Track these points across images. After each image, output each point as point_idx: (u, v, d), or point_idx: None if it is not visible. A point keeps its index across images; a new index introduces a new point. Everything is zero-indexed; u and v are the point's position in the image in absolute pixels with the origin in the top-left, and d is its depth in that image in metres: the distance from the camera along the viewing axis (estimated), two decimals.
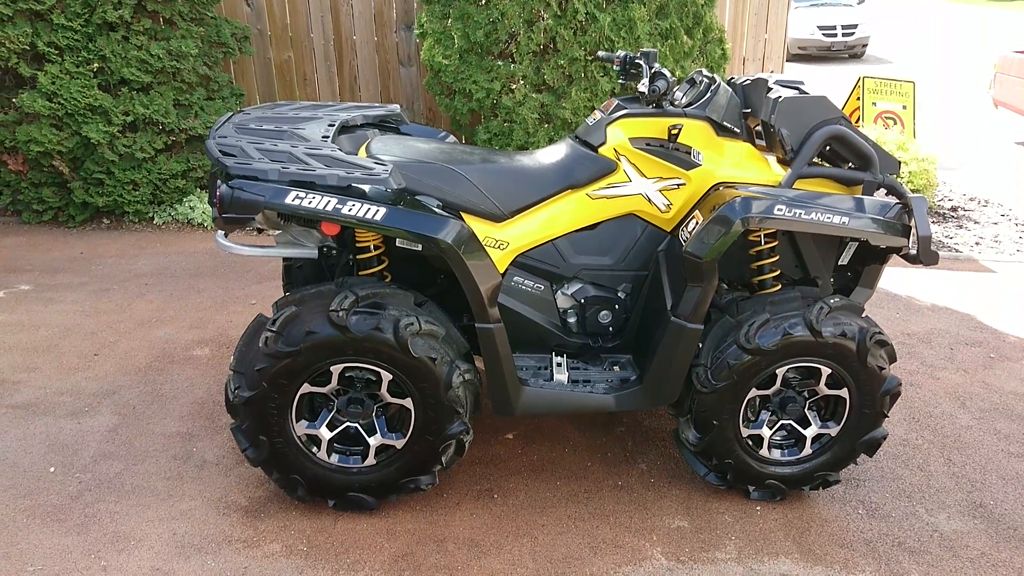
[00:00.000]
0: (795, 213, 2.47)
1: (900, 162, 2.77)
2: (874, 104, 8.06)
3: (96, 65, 5.03)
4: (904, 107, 8.02)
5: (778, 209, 2.46)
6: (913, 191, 6.56)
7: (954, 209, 6.88)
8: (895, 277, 5.07)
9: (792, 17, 17.51)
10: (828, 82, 13.40)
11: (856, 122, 7.87)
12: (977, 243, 6.01)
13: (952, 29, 22.31)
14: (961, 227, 6.40)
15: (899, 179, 3.32)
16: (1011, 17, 24.51)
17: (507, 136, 5.21)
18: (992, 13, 26.23)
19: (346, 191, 2.36)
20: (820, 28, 17.05)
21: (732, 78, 3.00)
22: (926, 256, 2.56)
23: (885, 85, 8.08)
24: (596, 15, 4.82)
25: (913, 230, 2.56)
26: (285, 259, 3.22)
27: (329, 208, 2.32)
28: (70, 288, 4.50)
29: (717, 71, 5.41)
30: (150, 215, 5.58)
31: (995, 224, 6.51)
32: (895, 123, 7.92)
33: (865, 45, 17.54)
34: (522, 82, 5.14)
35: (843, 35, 17.07)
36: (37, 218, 5.50)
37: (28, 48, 4.95)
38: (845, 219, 2.52)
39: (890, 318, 4.49)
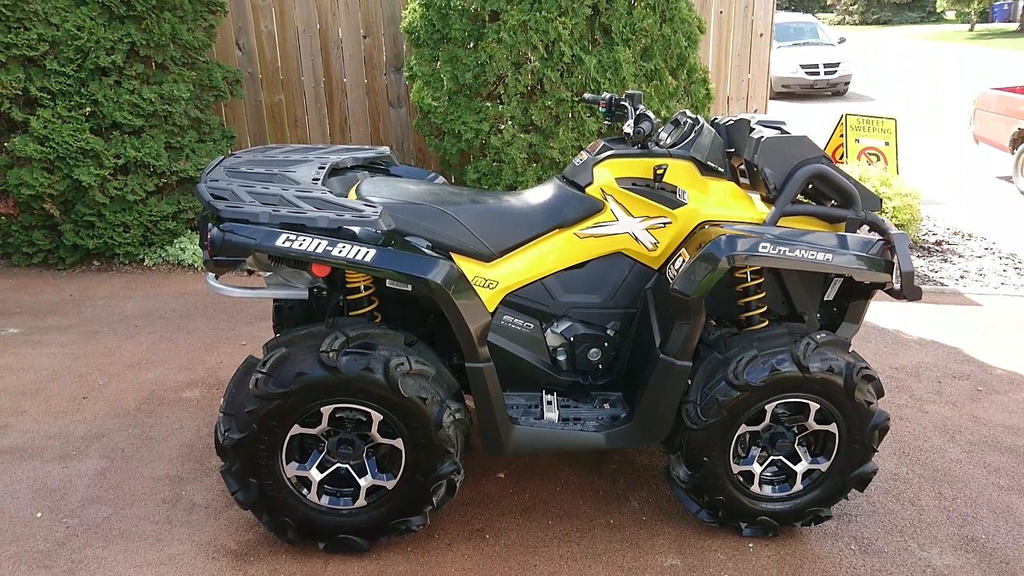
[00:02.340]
0: (780, 250, 2.51)
1: (882, 199, 2.83)
2: (857, 141, 8.21)
3: (88, 109, 5.08)
4: (887, 143, 8.18)
5: (763, 247, 2.50)
6: (897, 226, 6.65)
7: (938, 243, 6.97)
8: (882, 311, 5.12)
9: (775, 56, 17.87)
10: (811, 119, 13.63)
11: (840, 159, 8.00)
12: (962, 276, 6.08)
13: (933, 67, 22.78)
14: (946, 261, 6.48)
15: (882, 215, 3.38)
16: (991, 55, 25.07)
17: (496, 176, 5.27)
18: (974, 51, 26.83)
19: (336, 233, 2.39)
20: (803, 67, 17.41)
21: (715, 119, 3.06)
22: (909, 291, 2.60)
23: (867, 122, 8.24)
24: (582, 57, 4.92)
25: (896, 266, 2.60)
26: (275, 300, 3.23)
27: (319, 250, 2.34)
28: (59, 331, 4.49)
29: (702, 111, 5.51)
30: (140, 257, 5.59)
31: (979, 257, 6.59)
32: (878, 159, 8.06)
33: (847, 83, 17.90)
34: (510, 123, 5.21)
35: (825, 73, 17.43)
36: (27, 260, 5.50)
37: (21, 93, 5.00)
38: (829, 256, 2.56)
39: (878, 352, 4.52)
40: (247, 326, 4.59)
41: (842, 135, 8.12)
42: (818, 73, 17.38)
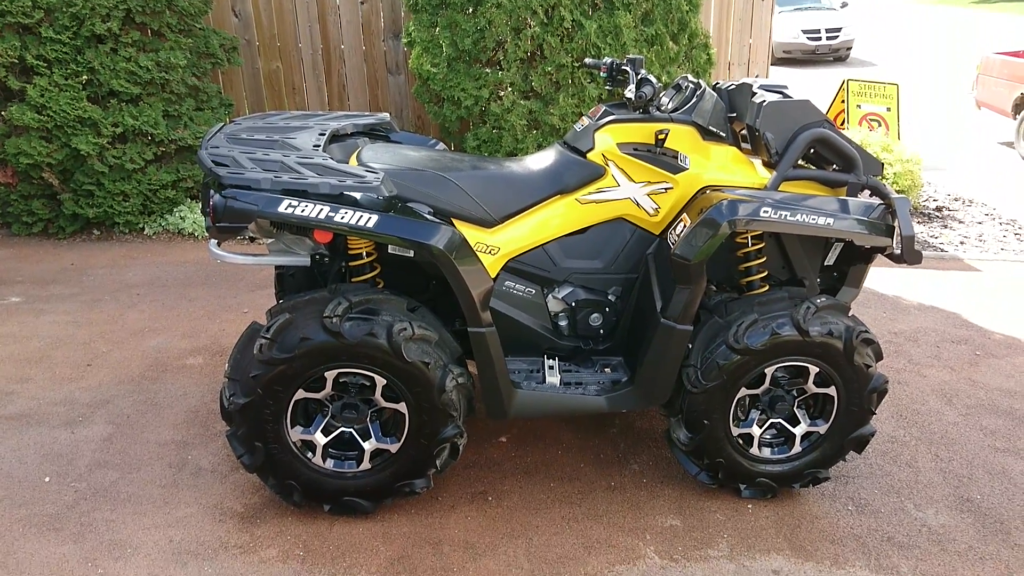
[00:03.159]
0: (781, 215, 2.51)
1: (883, 163, 2.82)
2: (858, 107, 8.16)
3: (85, 77, 5.04)
4: (888, 109, 8.13)
5: (764, 211, 2.50)
6: (898, 192, 6.64)
7: (939, 209, 6.96)
8: (882, 277, 5.13)
9: (777, 21, 17.68)
10: (813, 85, 13.52)
11: (841, 125, 7.96)
12: (962, 242, 6.08)
13: (937, 32, 22.54)
14: (946, 227, 6.48)
15: (883, 180, 3.38)
16: (996, 20, 24.79)
17: (496, 143, 5.25)
18: (977, 16, 26.53)
19: (338, 199, 2.39)
20: (804, 32, 17.21)
21: (717, 83, 3.05)
22: (910, 255, 2.61)
23: (869, 88, 8.18)
24: (582, 22, 4.87)
25: (897, 230, 2.61)
26: (277, 267, 3.24)
27: (322, 216, 2.35)
28: (61, 299, 4.50)
29: (703, 76, 5.47)
30: (140, 226, 5.58)
31: (979, 223, 6.59)
32: (879, 125, 8.02)
33: (849, 48, 17.72)
34: (510, 89, 5.18)
35: (827, 38, 17.24)
36: (27, 230, 5.50)
37: (17, 61, 4.95)
38: (830, 220, 2.56)
39: (877, 317, 4.54)
40: (249, 294, 4.60)
41: (843, 101, 8.07)
42: (820, 38, 17.19)
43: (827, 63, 17.47)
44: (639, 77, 2.69)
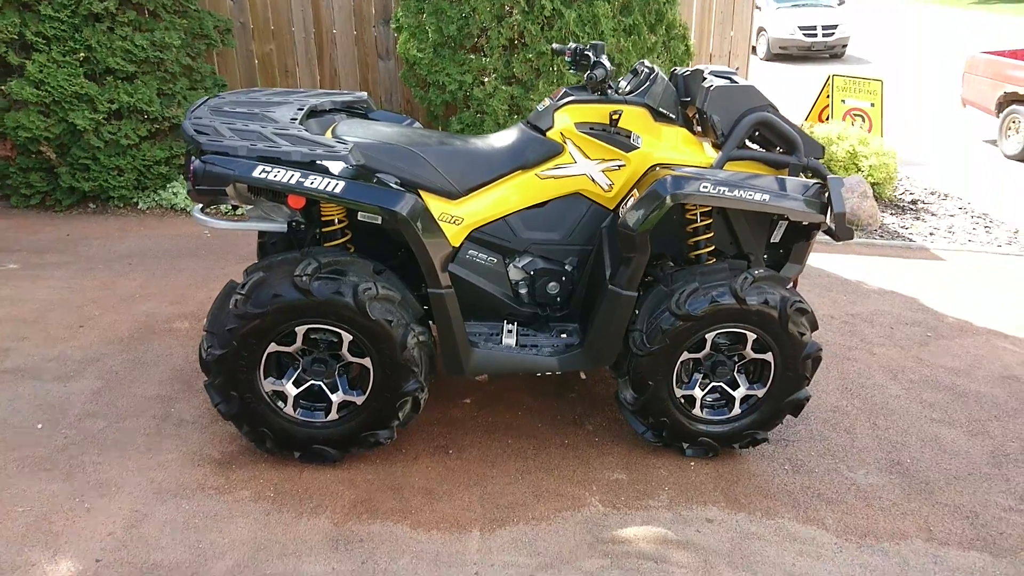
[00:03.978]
0: (720, 191, 2.71)
1: (824, 146, 3.02)
2: (843, 101, 8.34)
3: (82, 55, 5.23)
4: (872, 104, 8.31)
5: (704, 186, 2.70)
6: (873, 184, 6.85)
7: (914, 202, 7.15)
8: (847, 264, 5.34)
9: (774, 17, 17.78)
10: (806, 82, 13.68)
11: (825, 119, 8.15)
12: (931, 233, 6.28)
13: (932, 31, 22.66)
14: (918, 219, 6.67)
15: (823, 163, 3.58)
16: (993, 20, 24.91)
17: (479, 126, 5.44)
18: (975, 16, 26.63)
19: (309, 166, 2.59)
20: (801, 28, 17.35)
21: (675, 69, 3.25)
22: (841, 231, 2.81)
23: (854, 83, 8.36)
24: (562, 11, 5.06)
25: (830, 208, 2.81)
26: (260, 237, 3.44)
27: (293, 181, 2.55)
28: (57, 267, 4.71)
29: (681, 66, 5.65)
30: (134, 200, 5.78)
31: (951, 216, 6.78)
32: (863, 120, 8.20)
33: (845, 45, 17.85)
34: (492, 75, 5.37)
35: (823, 35, 17.38)
36: (25, 202, 5.69)
37: (16, 38, 5.14)
38: (766, 196, 2.76)
39: (837, 300, 4.75)
40: (235, 265, 4.80)
41: (828, 95, 8.26)
42: (816, 35, 17.33)
43: (823, 60, 17.61)
44: (593, 61, 2.89)
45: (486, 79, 5.41)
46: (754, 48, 18.00)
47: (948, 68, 15.44)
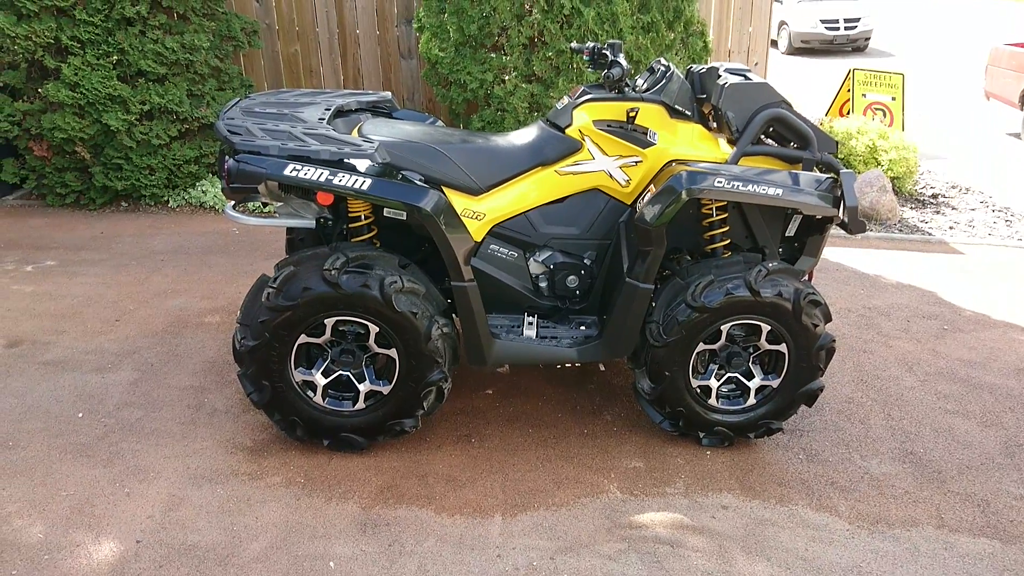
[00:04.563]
0: (734, 185, 2.79)
1: (837, 141, 3.08)
2: (864, 96, 8.34)
3: (115, 58, 5.39)
4: (893, 98, 8.29)
5: (719, 182, 2.78)
6: (892, 178, 6.86)
7: (934, 196, 7.13)
8: (865, 257, 5.37)
9: (795, 11, 17.69)
10: (829, 75, 13.63)
11: (846, 113, 8.15)
12: (951, 227, 6.28)
13: (958, 23, 22.40)
14: (939, 213, 6.67)
15: (837, 157, 3.63)
16: (1016, 11, 24.54)
17: (499, 124, 5.53)
18: (996, 6, 26.26)
19: (338, 164, 2.70)
20: (823, 22, 17.27)
21: (691, 67, 3.32)
22: (854, 224, 2.88)
23: (875, 77, 8.35)
24: (581, 10, 5.13)
25: (843, 201, 2.87)
26: (288, 233, 3.56)
27: (322, 179, 2.67)
28: (92, 263, 4.87)
29: (699, 63, 5.70)
30: (165, 198, 5.95)
31: (972, 210, 6.76)
32: (884, 114, 8.19)
33: (868, 38, 17.74)
34: (513, 73, 5.46)
35: (845, 28, 17.28)
36: (60, 201, 5.88)
37: (53, 42, 5.31)
38: (780, 191, 2.83)
39: (855, 294, 4.79)
40: (264, 262, 4.94)
41: (849, 90, 8.25)
42: (838, 28, 17.24)
43: (845, 53, 17.51)
44: (610, 60, 2.97)
45: (506, 77, 5.51)
46: (775, 42, 17.93)
47: (972, 60, 15.30)
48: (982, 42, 17.58)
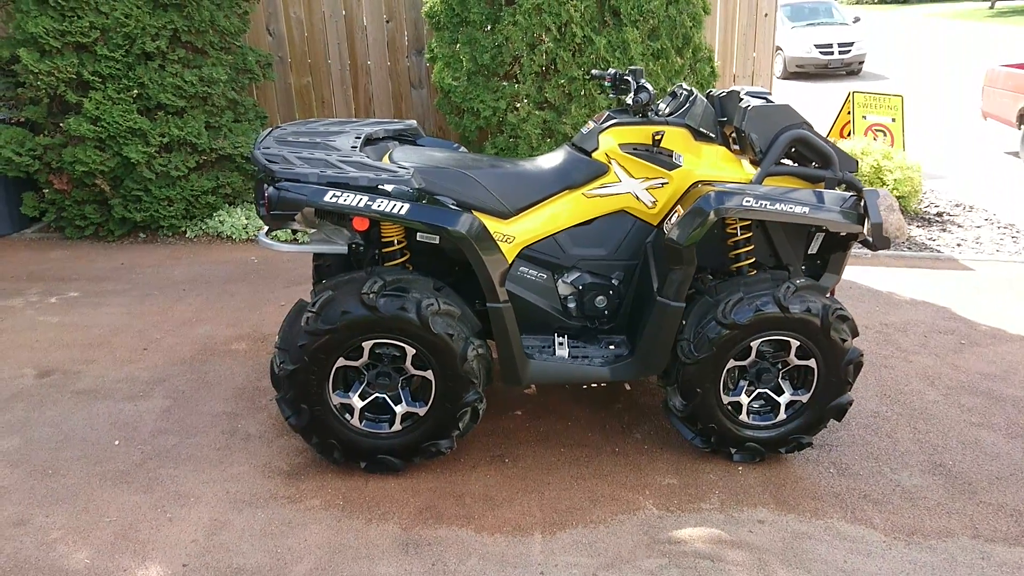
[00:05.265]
0: (761, 204, 2.86)
1: (858, 161, 3.16)
2: (864, 117, 8.46)
3: (135, 91, 5.49)
4: (893, 120, 8.42)
5: (746, 201, 2.85)
6: (898, 198, 6.95)
7: (939, 215, 7.23)
8: (877, 275, 5.44)
9: (790, 36, 17.95)
10: (824, 99, 13.82)
11: (847, 135, 8.27)
12: (959, 244, 6.36)
13: (949, 45, 22.74)
14: (945, 231, 6.75)
15: (857, 176, 3.71)
16: (1010, 33, 24.93)
17: (513, 150, 5.62)
18: (992, 29, 26.67)
19: (375, 190, 2.77)
20: (817, 46, 17.53)
21: (710, 91, 3.40)
22: (878, 241, 2.94)
23: (875, 99, 8.48)
24: (592, 38, 5.25)
25: (867, 219, 2.94)
26: (315, 260, 3.61)
27: (361, 205, 2.73)
28: (115, 294, 4.92)
29: (707, 88, 5.82)
30: (183, 229, 6.02)
31: (978, 227, 6.85)
32: (885, 135, 8.31)
33: (861, 62, 18.00)
34: (526, 100, 5.56)
35: (840, 53, 17.53)
36: (79, 233, 5.94)
37: (74, 77, 5.41)
38: (806, 209, 2.90)
39: (871, 310, 4.85)
40: (284, 289, 4.99)
41: (849, 112, 8.38)
42: (832, 53, 17.49)
43: (839, 77, 17.75)
44: (637, 85, 3.05)
45: (519, 105, 5.61)
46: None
47: (966, 81, 15.52)
48: (973, 63, 17.85)
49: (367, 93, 7.02)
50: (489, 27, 5.54)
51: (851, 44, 17.59)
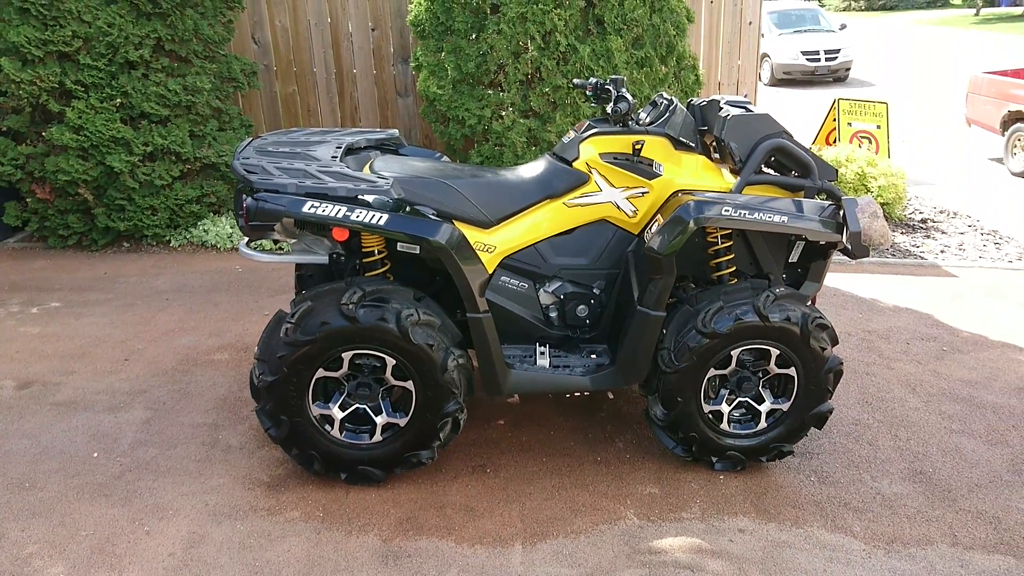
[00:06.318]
0: (740, 213, 2.87)
1: (837, 169, 3.17)
2: (849, 124, 8.51)
3: (119, 100, 5.47)
4: (878, 127, 8.48)
5: (725, 210, 2.86)
6: (882, 204, 6.99)
7: (923, 221, 7.27)
8: (860, 282, 5.46)
9: (777, 43, 18.05)
10: (811, 105, 13.90)
11: (833, 142, 8.32)
12: (942, 251, 6.39)
13: (936, 52, 22.92)
14: (929, 237, 6.79)
15: (841, 183, 3.73)
16: (995, 40, 25.14)
17: (498, 159, 5.63)
18: (977, 36, 26.89)
19: (354, 201, 2.76)
20: (804, 53, 17.63)
21: (691, 100, 3.42)
22: (857, 249, 2.95)
23: (859, 106, 8.54)
24: (576, 46, 5.26)
25: (845, 227, 2.95)
26: (298, 270, 3.60)
27: (340, 215, 2.72)
28: (97, 304, 4.89)
29: (692, 96, 5.84)
30: (167, 238, 5.99)
31: (962, 234, 6.89)
32: (870, 142, 8.37)
33: (848, 69, 18.11)
34: (510, 109, 5.57)
35: (826, 60, 17.64)
36: (62, 243, 5.91)
37: (57, 86, 5.39)
38: (784, 218, 2.91)
39: (853, 318, 4.87)
40: (268, 299, 4.98)
41: (835, 119, 8.43)
42: (819, 59, 17.60)
43: (826, 84, 17.86)
44: (617, 94, 3.06)
45: (504, 113, 5.61)
46: (758, 74, 18.28)
47: (951, 88, 15.64)
48: (957, 70, 17.99)
49: (353, 101, 7.02)
50: (474, 36, 5.54)
51: (837, 51, 17.70)
